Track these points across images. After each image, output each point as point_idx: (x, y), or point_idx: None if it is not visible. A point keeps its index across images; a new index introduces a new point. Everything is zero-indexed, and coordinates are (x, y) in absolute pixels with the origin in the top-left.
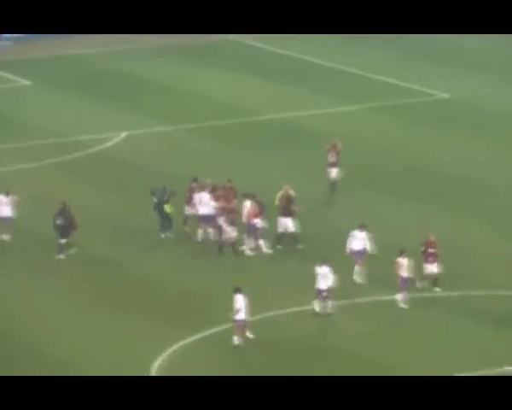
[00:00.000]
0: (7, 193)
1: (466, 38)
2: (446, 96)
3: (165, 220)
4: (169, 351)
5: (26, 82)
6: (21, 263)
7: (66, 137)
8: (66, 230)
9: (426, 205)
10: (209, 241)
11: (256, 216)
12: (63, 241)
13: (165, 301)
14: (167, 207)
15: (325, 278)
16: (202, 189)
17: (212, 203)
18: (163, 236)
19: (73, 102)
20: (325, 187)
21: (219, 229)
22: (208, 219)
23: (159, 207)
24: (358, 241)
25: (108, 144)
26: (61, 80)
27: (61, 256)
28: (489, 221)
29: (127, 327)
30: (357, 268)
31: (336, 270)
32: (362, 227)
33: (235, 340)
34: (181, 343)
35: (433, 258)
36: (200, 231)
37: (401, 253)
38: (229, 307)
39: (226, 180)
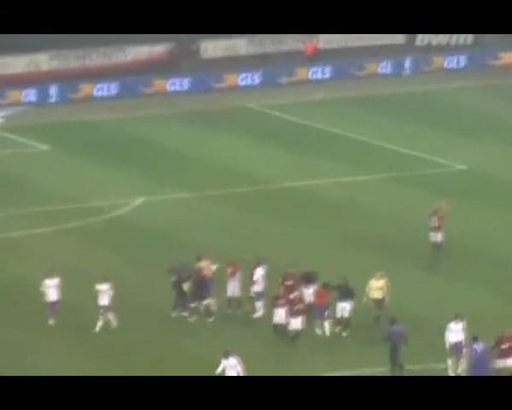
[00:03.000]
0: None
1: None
2: (463, 166)
3: (181, 299)
4: None
5: (44, 147)
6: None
7: (82, 203)
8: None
9: (446, 278)
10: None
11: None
12: (193, 305)
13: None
14: (185, 286)
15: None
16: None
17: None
18: (173, 314)
19: (90, 167)
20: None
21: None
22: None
23: (177, 285)
24: (456, 333)
25: (124, 210)
26: (78, 146)
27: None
28: None
29: None
30: (449, 362)
31: None
32: (458, 318)
33: None
34: None
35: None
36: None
37: None
38: None
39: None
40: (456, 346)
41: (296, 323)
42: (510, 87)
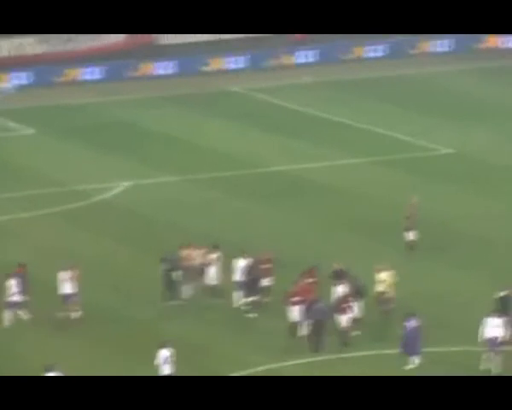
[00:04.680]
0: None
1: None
2: (451, 150)
3: (169, 288)
4: None
5: (30, 130)
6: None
7: (69, 187)
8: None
9: (427, 259)
10: None
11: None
12: (250, 299)
13: None
14: (174, 275)
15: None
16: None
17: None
18: (163, 304)
19: (77, 151)
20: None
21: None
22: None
23: (166, 274)
24: (492, 328)
25: (111, 194)
26: (65, 129)
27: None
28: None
29: None
30: (484, 356)
31: None
32: (497, 313)
33: None
34: None
35: None
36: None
37: None
38: None
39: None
40: (491, 341)
41: (344, 320)
42: (496, 70)
